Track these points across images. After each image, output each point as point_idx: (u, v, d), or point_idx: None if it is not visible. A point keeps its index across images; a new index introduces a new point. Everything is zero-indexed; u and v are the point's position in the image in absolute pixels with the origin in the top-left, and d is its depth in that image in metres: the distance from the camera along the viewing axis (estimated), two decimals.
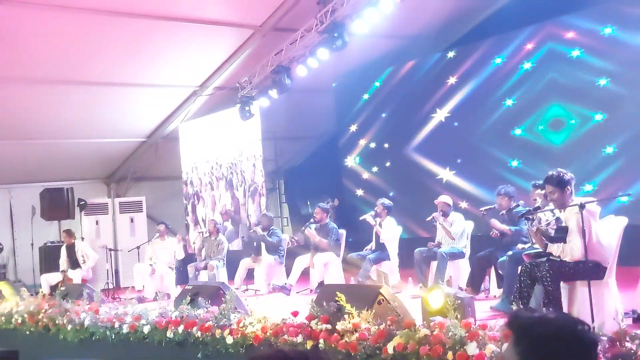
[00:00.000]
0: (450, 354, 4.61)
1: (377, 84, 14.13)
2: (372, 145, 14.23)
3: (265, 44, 11.70)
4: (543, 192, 7.52)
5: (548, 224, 6.69)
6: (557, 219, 6.52)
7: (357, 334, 5.22)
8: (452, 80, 12.60)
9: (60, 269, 12.52)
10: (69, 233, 12.80)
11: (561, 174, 6.12)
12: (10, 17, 9.70)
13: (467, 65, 12.44)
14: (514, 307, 5.81)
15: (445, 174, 12.74)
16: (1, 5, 9.31)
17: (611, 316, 5.40)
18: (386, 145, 13.94)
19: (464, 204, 12.01)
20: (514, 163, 11.57)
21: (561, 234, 6.08)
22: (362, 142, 14.44)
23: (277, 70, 11.54)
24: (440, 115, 12.82)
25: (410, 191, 13.26)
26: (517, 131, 11.57)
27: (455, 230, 9.40)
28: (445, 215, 9.57)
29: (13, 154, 13.50)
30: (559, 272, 5.87)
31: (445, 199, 9.69)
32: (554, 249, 6.03)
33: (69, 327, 7.98)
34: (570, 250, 5.86)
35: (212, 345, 6.30)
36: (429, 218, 9.73)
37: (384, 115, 14.00)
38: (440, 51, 13.07)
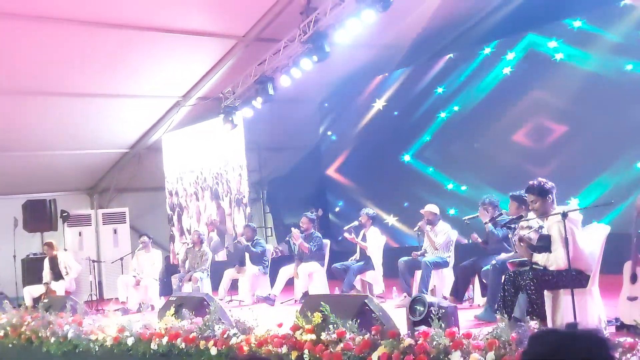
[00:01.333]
0: None
1: None
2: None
3: (249, 55, 11.71)
4: (515, 204, 7.62)
5: (530, 237, 6.70)
6: (540, 228, 6.55)
7: (341, 344, 5.22)
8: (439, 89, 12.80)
9: (44, 281, 12.43)
10: (50, 246, 12.67)
11: (542, 183, 6.16)
12: None
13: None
14: (498, 316, 5.82)
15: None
16: None
17: (594, 324, 5.43)
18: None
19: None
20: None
21: (544, 242, 6.10)
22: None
23: (261, 80, 11.54)
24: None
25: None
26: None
27: (439, 241, 9.41)
28: (431, 224, 9.57)
29: None
30: (543, 280, 5.90)
31: (431, 208, 9.67)
32: (539, 258, 6.05)
33: (52, 339, 7.92)
34: (555, 260, 5.88)
35: (196, 356, 6.27)
36: (416, 228, 9.75)
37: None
38: (426, 60, 13.21)
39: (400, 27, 12.11)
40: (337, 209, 14.83)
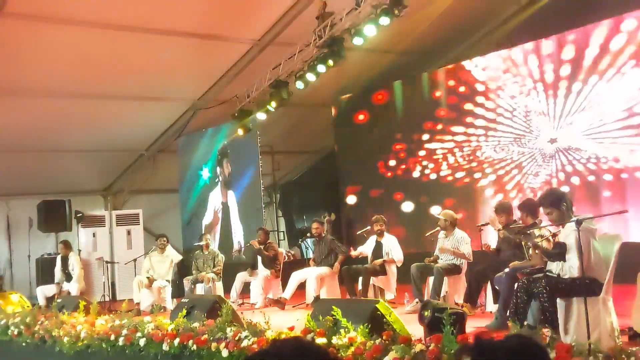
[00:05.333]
0: None
1: None
2: None
3: (264, 58, 11.72)
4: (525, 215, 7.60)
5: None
6: (553, 236, 6.54)
7: (352, 349, 5.22)
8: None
9: (55, 281, 12.53)
10: (66, 245, 12.82)
11: (551, 193, 6.15)
12: (9, 30, 9.73)
13: None
14: (510, 324, 5.81)
15: None
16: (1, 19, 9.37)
17: (607, 333, 5.41)
18: None
19: None
20: None
21: (559, 249, 6.09)
22: None
23: (276, 84, 11.56)
24: None
25: None
26: None
27: (467, 251, 9.23)
28: (448, 230, 9.49)
29: (11, 166, 13.47)
30: (556, 288, 5.88)
31: (452, 213, 9.61)
32: (554, 267, 6.04)
33: (65, 339, 7.97)
34: (570, 269, 5.87)
35: (207, 358, 6.29)
36: (428, 233, 9.73)
37: None
38: (440, 66, 13.17)
39: (421, 33, 12.11)
40: None
